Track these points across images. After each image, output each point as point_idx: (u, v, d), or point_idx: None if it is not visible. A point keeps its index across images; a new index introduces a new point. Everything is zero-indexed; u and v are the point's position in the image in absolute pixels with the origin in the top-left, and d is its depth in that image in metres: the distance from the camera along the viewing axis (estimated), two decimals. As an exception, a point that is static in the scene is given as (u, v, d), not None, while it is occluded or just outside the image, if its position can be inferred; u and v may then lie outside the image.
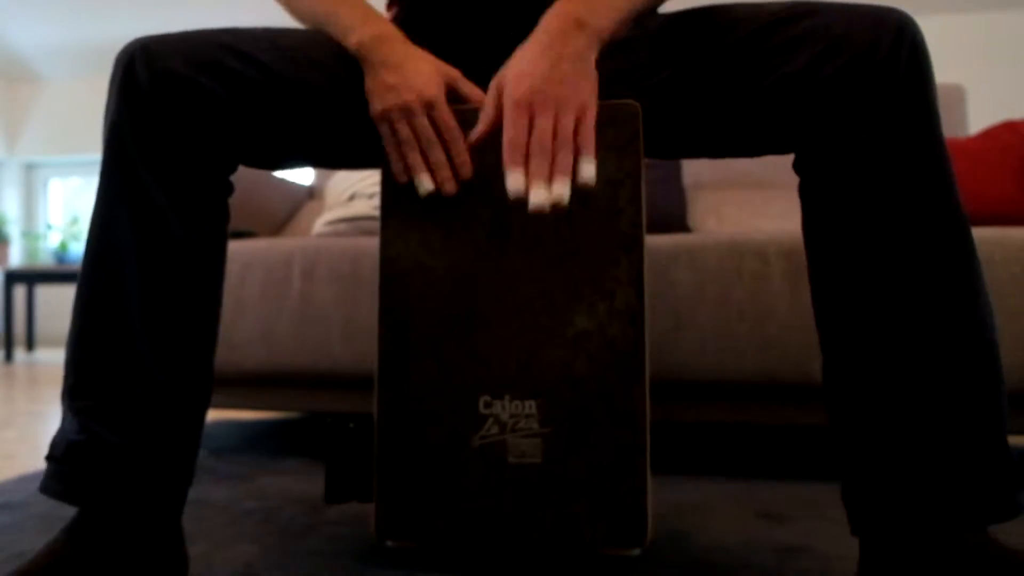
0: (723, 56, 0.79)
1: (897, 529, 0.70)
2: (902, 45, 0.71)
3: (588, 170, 0.71)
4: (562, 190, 0.69)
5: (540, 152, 0.70)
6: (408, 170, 0.82)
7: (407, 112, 0.80)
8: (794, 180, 2.05)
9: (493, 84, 0.77)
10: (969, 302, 0.70)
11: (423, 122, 0.80)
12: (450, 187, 0.82)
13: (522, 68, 0.73)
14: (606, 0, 0.77)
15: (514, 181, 0.70)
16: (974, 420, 0.69)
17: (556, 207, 0.69)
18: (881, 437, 0.71)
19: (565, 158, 0.70)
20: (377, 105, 0.81)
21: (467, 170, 0.82)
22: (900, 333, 0.71)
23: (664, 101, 0.83)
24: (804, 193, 0.78)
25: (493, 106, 0.76)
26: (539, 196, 0.69)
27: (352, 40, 0.83)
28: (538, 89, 0.71)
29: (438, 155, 0.81)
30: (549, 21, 0.75)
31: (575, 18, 0.74)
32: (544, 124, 0.70)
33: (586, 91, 0.73)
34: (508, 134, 0.71)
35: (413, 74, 0.81)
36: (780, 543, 0.97)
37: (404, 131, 0.81)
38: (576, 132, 0.71)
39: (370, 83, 0.82)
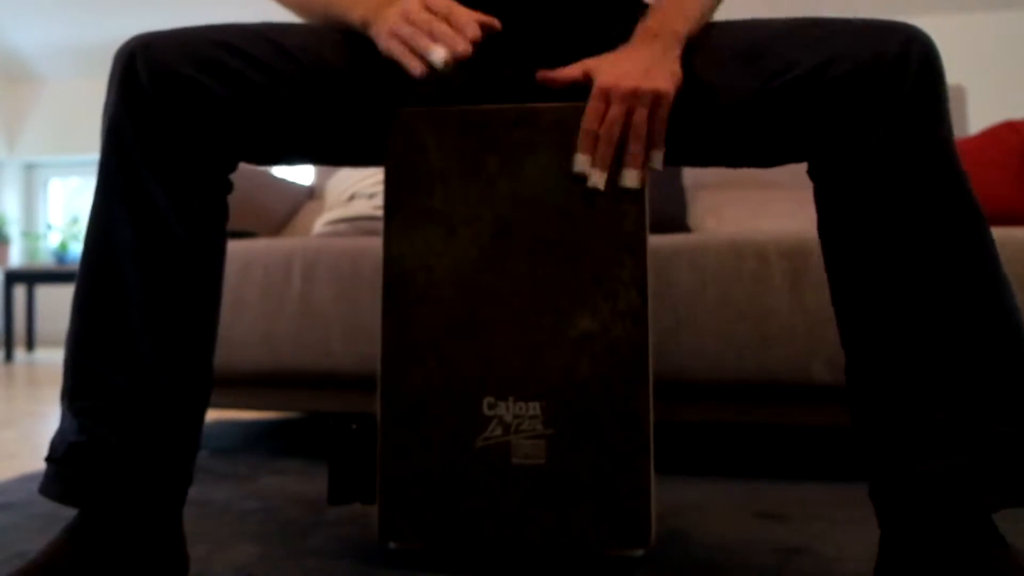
0: (731, 62, 0.80)
1: (929, 519, 0.70)
2: (911, 54, 0.72)
3: (656, 158, 0.81)
4: (632, 181, 0.81)
5: (607, 140, 0.81)
6: (421, 60, 0.78)
7: (404, 13, 0.79)
8: (795, 180, 2.05)
9: (583, 63, 0.84)
10: (992, 293, 0.71)
11: (416, 8, 0.79)
12: (461, 46, 0.77)
13: (609, 66, 0.82)
14: (677, 12, 0.85)
15: (579, 164, 0.82)
16: (1004, 407, 0.70)
17: (621, 189, 0.82)
18: (910, 430, 0.72)
19: (635, 148, 0.80)
20: (383, 40, 0.80)
21: (474, 29, 0.78)
22: (924, 328, 0.71)
23: (675, 107, 0.83)
24: (819, 198, 0.79)
25: (579, 73, 0.84)
26: (595, 179, 0.82)
27: (357, 15, 0.83)
28: (616, 83, 0.80)
29: (440, 27, 0.78)
30: (634, 36, 0.85)
31: (652, 32, 0.84)
32: (616, 114, 0.80)
33: (663, 81, 0.80)
34: (584, 122, 0.81)
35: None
36: (780, 543, 0.97)
37: (404, 29, 0.79)
38: (651, 120, 0.80)
39: (376, 34, 0.81)
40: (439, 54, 0.77)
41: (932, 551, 0.69)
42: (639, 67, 0.80)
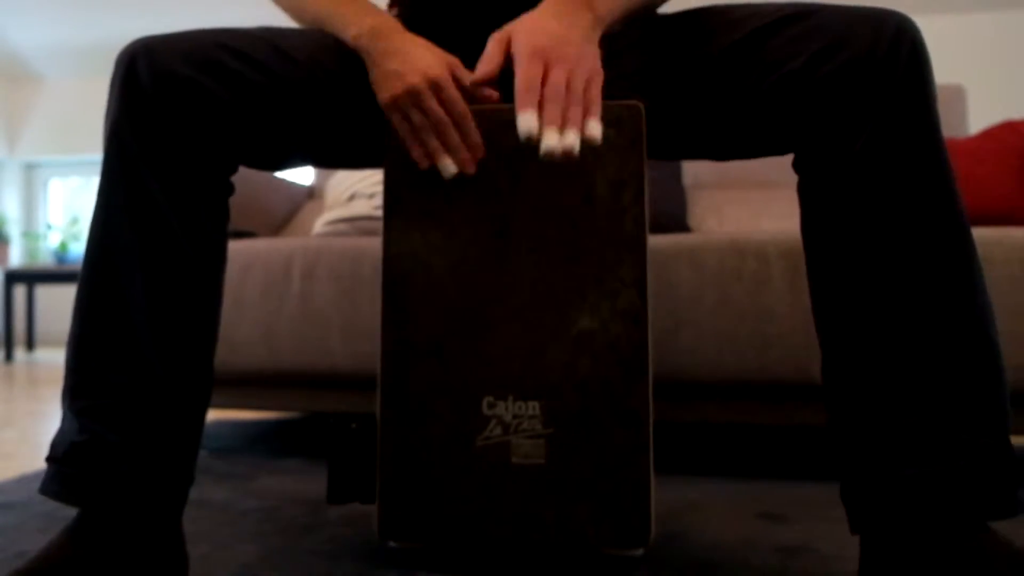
0: (724, 56, 0.79)
1: (896, 527, 0.70)
2: (901, 46, 0.72)
3: (595, 128, 0.72)
4: (574, 140, 0.70)
5: (554, 99, 0.71)
6: (428, 156, 0.81)
7: (416, 96, 0.79)
8: (795, 180, 2.05)
9: (497, 35, 0.78)
10: (968, 299, 0.71)
11: (433, 105, 0.79)
12: (471, 168, 0.82)
13: (536, 24, 0.75)
14: None
15: (525, 122, 0.70)
16: (974, 416, 0.69)
17: (567, 155, 0.70)
18: (880, 434, 0.72)
19: (576, 111, 0.71)
20: (385, 94, 0.80)
21: (481, 150, 0.82)
22: (899, 331, 0.71)
23: (667, 102, 0.83)
24: (803, 192, 0.78)
25: (499, 52, 0.77)
26: (551, 140, 0.70)
27: (351, 33, 0.83)
28: (553, 45, 0.73)
29: (453, 137, 0.80)
30: None
31: (583, 2, 0.78)
32: (558, 76, 0.72)
33: (595, 59, 0.75)
34: (523, 77, 0.72)
35: (416, 58, 0.80)
36: (780, 543, 0.97)
37: (417, 117, 0.80)
38: (585, 92, 0.73)
39: (374, 73, 0.82)
40: (449, 169, 0.80)
41: (926, 560, 0.68)
42: (571, 35, 0.74)
